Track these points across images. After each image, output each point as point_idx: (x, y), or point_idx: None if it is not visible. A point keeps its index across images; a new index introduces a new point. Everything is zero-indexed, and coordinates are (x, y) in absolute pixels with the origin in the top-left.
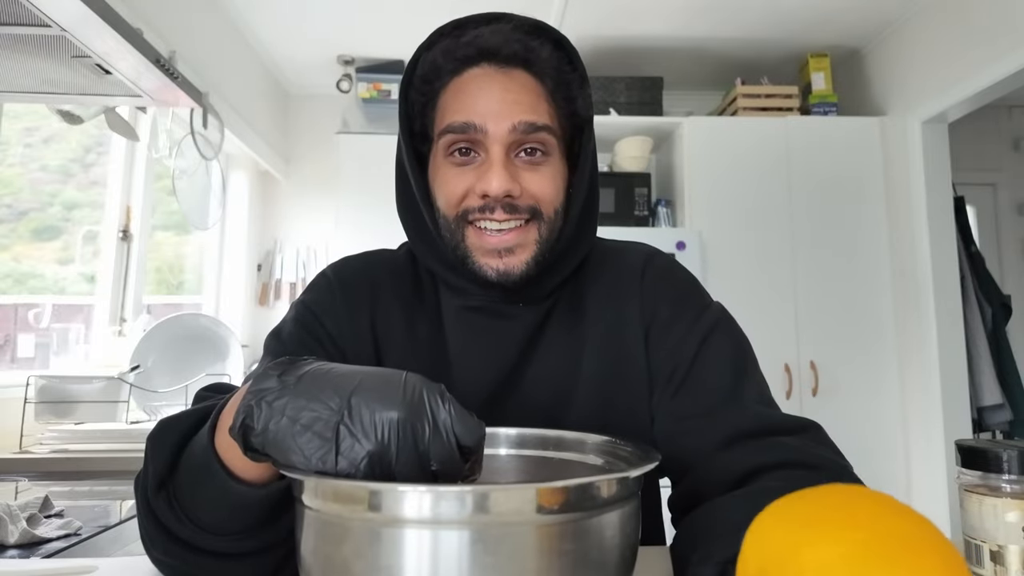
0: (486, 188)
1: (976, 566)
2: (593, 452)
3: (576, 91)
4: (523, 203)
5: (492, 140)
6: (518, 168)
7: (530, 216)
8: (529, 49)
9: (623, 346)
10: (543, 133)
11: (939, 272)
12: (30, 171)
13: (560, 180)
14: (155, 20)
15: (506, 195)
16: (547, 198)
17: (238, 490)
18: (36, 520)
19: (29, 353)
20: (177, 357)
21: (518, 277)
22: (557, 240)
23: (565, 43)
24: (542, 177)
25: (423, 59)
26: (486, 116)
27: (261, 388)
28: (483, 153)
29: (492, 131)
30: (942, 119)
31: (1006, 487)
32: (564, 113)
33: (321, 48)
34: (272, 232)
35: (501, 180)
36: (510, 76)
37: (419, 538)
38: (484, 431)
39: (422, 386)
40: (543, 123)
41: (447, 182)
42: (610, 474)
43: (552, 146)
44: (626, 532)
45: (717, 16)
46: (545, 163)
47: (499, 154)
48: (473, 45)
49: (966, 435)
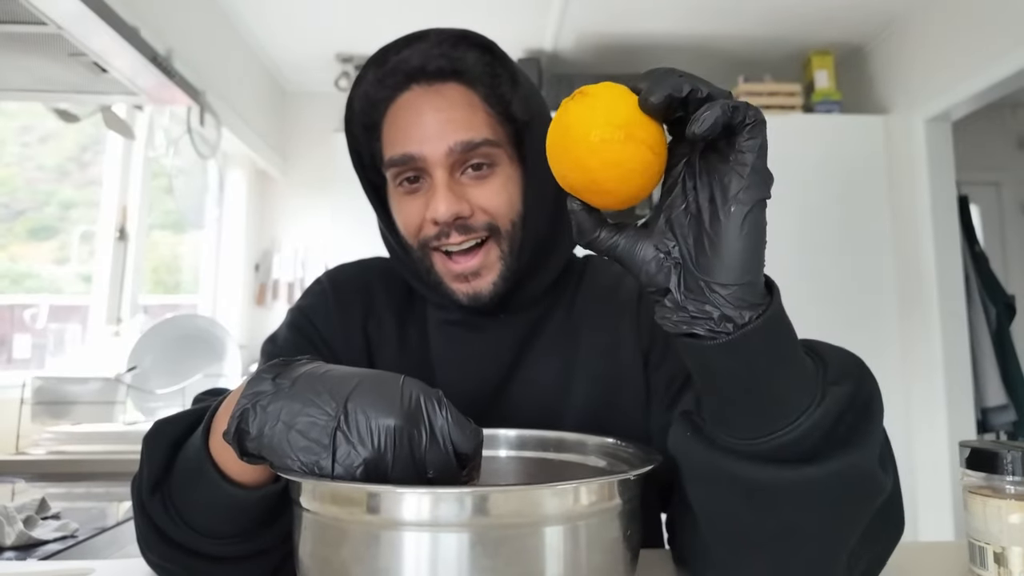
0: (434, 215)
1: (980, 568)
2: (594, 454)
3: (509, 93)
4: (477, 221)
5: (432, 165)
6: (465, 186)
7: (488, 233)
8: (454, 60)
9: (618, 370)
10: (483, 147)
11: (943, 272)
12: (26, 170)
13: (512, 188)
14: (152, 18)
15: (456, 218)
16: (500, 210)
17: (232, 493)
18: (33, 522)
19: (25, 354)
20: (174, 358)
21: (488, 298)
22: (522, 249)
23: (493, 47)
24: (490, 191)
25: (357, 94)
26: (422, 143)
27: (256, 391)
28: (428, 179)
29: (430, 156)
30: (946, 117)
31: (1010, 488)
32: (505, 118)
33: (319, 45)
34: (270, 231)
35: (447, 204)
36: (440, 94)
37: (418, 541)
38: (481, 438)
39: (419, 392)
40: (481, 138)
41: (401, 212)
42: (611, 476)
43: (497, 156)
44: (627, 534)
45: (719, 13)
46: (492, 175)
47: (442, 178)
48: (399, 70)
49: (970, 436)
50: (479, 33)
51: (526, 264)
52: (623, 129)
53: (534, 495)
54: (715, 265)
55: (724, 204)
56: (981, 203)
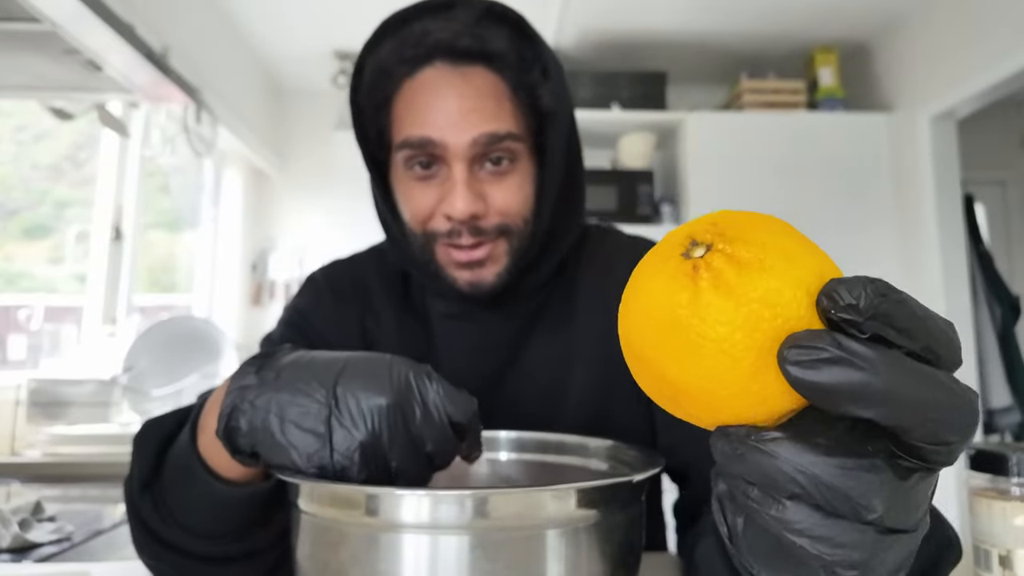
0: (450, 211)
1: (985, 571)
2: (596, 456)
3: (538, 83)
4: (489, 223)
5: (453, 156)
6: (483, 183)
7: (498, 235)
8: (485, 41)
9: (617, 353)
10: (507, 141)
11: (948, 271)
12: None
13: (528, 186)
14: (147, 15)
15: (472, 217)
16: (514, 210)
17: (222, 490)
18: (28, 524)
19: (20, 355)
20: (170, 359)
21: (490, 289)
22: (531, 245)
23: (524, 26)
24: (508, 189)
25: (369, 63)
26: (445, 129)
27: (241, 386)
28: (445, 168)
29: (452, 146)
30: (951, 115)
31: (1016, 491)
32: (530, 108)
33: (316, 42)
34: (266, 231)
35: (466, 202)
36: (466, 78)
37: (417, 543)
38: (476, 406)
39: (408, 369)
40: (505, 131)
41: (411, 198)
42: (613, 478)
43: (518, 150)
44: (630, 537)
45: (722, 9)
46: (512, 171)
47: (462, 172)
48: (422, 43)
49: (975, 438)
50: (511, 8)
51: (535, 259)
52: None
53: (535, 498)
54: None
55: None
56: (986, 202)
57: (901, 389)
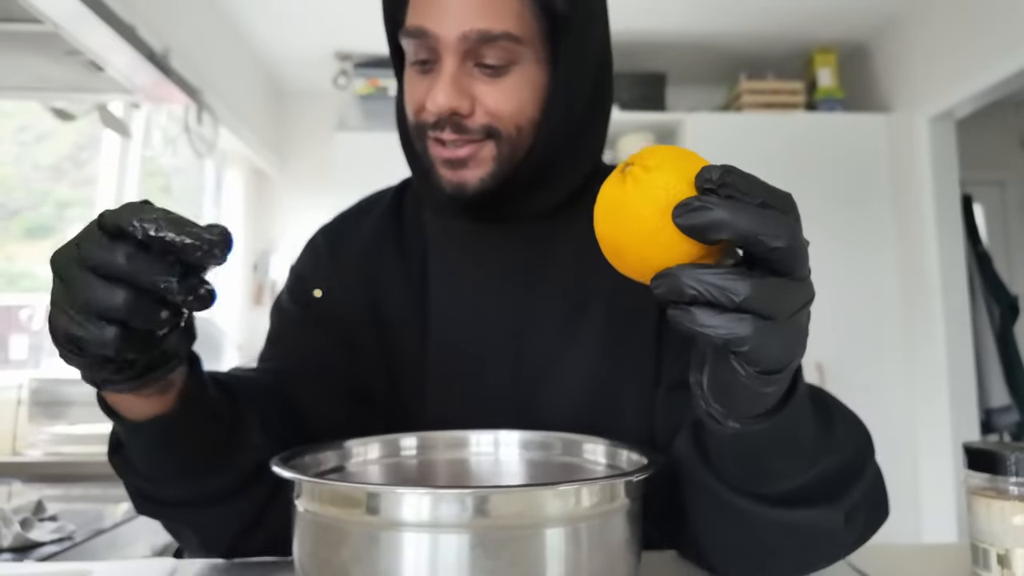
0: (429, 103)
1: (983, 570)
2: (596, 455)
3: None
4: (475, 122)
5: (444, 48)
6: (474, 79)
7: (485, 136)
8: None
9: (627, 309)
10: (503, 41)
11: (946, 272)
12: (22, 169)
13: (529, 91)
14: (149, 16)
15: (453, 112)
16: (506, 113)
17: (130, 427)
18: (29, 524)
19: (22, 355)
20: None
21: (472, 193)
22: (528, 157)
23: None
24: (499, 91)
25: None
26: (438, 20)
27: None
28: (440, 61)
29: (444, 38)
30: (950, 116)
31: (1014, 490)
32: (542, 8)
33: (317, 43)
34: (267, 231)
35: (447, 96)
36: None
37: (418, 542)
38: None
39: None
40: (501, 30)
41: (408, 90)
42: (613, 477)
43: (519, 53)
44: (629, 536)
45: (722, 11)
46: (509, 74)
47: (450, 66)
48: None
49: (974, 437)
50: None
51: (531, 174)
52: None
53: (536, 496)
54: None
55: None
56: (985, 202)
57: (739, 219)
